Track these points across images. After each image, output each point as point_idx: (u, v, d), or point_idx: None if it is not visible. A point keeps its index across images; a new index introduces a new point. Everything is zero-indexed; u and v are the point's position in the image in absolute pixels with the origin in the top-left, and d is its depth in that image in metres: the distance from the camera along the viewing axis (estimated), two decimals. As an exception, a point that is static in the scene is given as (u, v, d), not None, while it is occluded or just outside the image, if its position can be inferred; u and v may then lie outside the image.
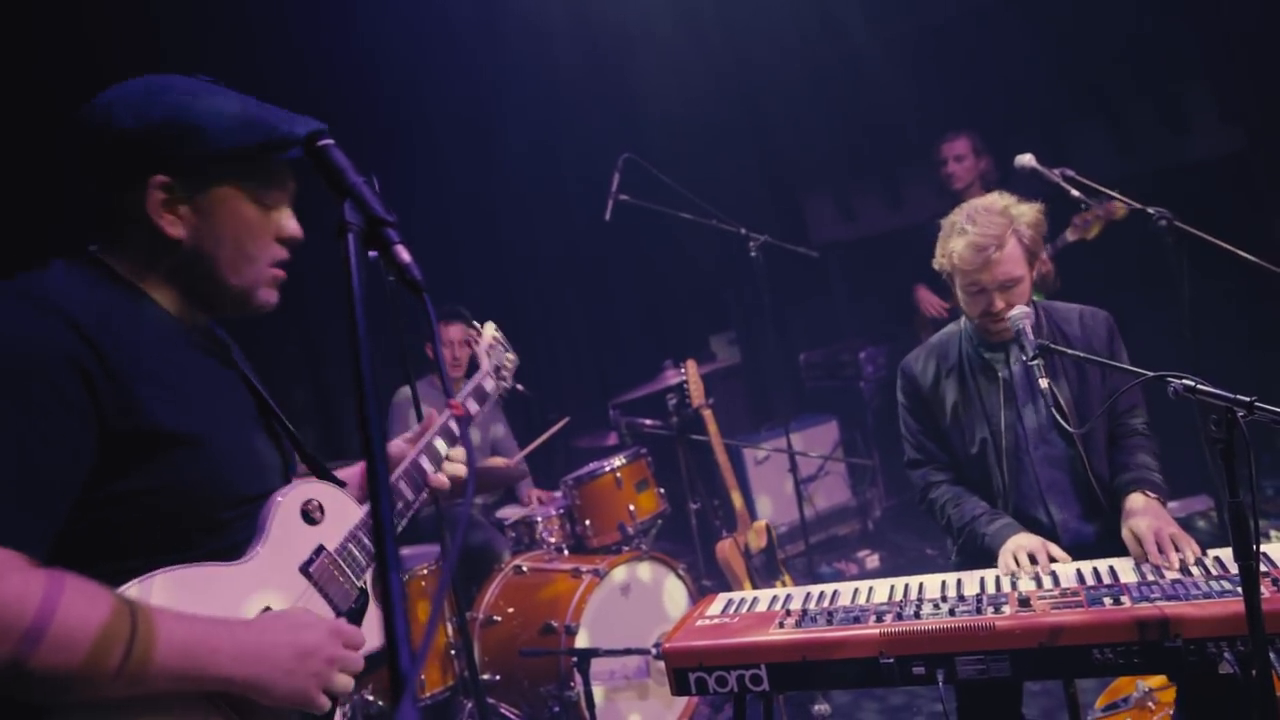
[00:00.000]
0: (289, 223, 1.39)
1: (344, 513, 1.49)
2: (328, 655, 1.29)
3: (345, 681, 1.32)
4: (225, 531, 1.31)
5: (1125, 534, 2.12)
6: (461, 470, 1.67)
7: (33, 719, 1.10)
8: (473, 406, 1.91)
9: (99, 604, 1.11)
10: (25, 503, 1.11)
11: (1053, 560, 2.14)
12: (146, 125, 1.26)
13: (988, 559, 2.27)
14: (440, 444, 1.70)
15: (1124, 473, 2.30)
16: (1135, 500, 2.19)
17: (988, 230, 2.26)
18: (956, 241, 2.30)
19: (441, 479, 1.67)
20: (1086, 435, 2.31)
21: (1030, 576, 2.07)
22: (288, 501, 1.40)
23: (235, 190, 1.32)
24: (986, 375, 2.41)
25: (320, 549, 1.43)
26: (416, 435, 1.72)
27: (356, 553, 1.47)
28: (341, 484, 1.54)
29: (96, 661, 1.08)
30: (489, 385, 1.96)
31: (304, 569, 1.40)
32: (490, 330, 2.11)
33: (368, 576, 1.50)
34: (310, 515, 1.43)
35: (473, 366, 2.04)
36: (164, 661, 1.14)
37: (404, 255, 0.94)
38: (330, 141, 1.01)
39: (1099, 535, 2.34)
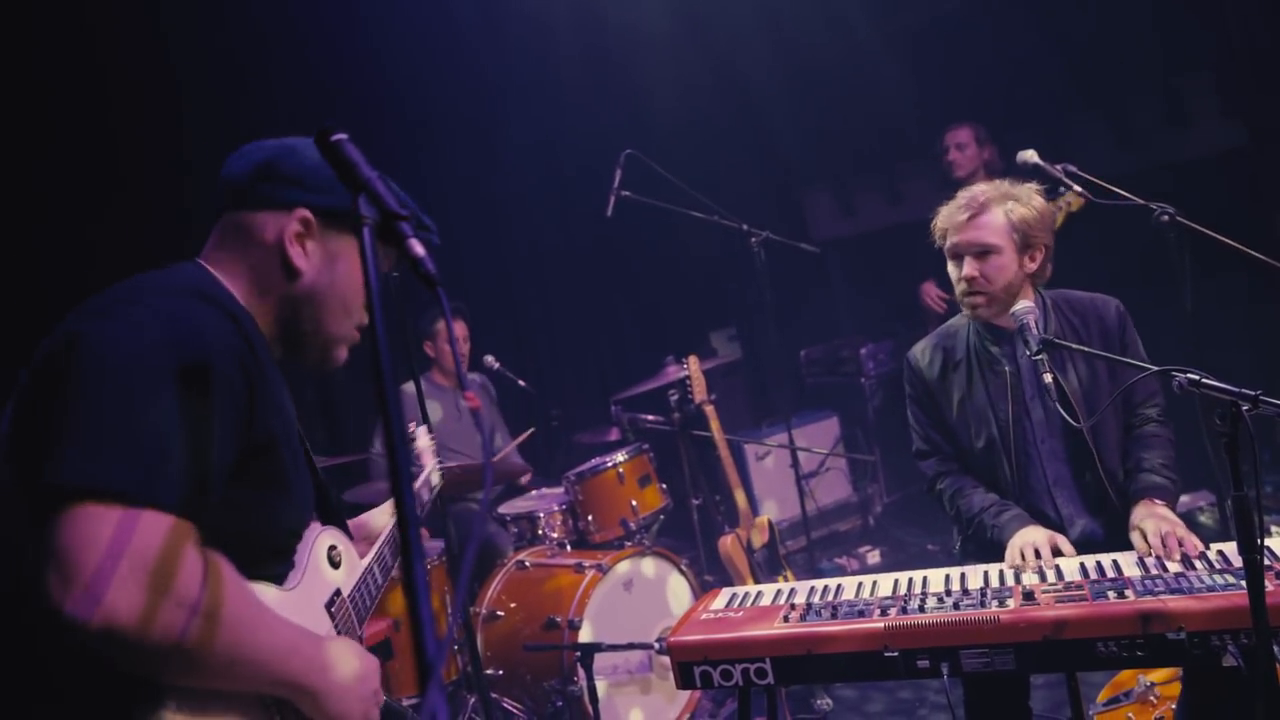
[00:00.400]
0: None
1: (353, 561, 1.58)
2: (375, 687, 1.39)
3: (376, 716, 1.40)
4: (280, 560, 1.38)
5: (1132, 532, 2.13)
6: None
7: (123, 707, 1.13)
8: (425, 495, 2.01)
9: (248, 597, 1.19)
10: (203, 479, 1.16)
11: (1059, 554, 2.14)
12: (308, 169, 1.36)
13: (995, 550, 2.28)
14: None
15: (1135, 473, 2.28)
16: (1143, 505, 2.19)
17: (974, 195, 2.32)
18: (946, 206, 2.37)
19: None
20: (1097, 429, 2.30)
21: (1034, 571, 2.08)
22: (320, 543, 1.47)
23: (357, 247, 1.39)
24: (993, 368, 2.40)
25: (338, 592, 1.50)
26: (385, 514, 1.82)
27: (361, 603, 1.57)
28: (350, 534, 1.61)
29: (235, 651, 1.14)
30: (435, 479, 2.08)
31: (327, 607, 1.47)
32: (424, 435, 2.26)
33: (361, 629, 1.57)
34: (333, 559, 1.50)
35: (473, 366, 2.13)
36: (268, 654, 1.21)
37: (418, 249, 0.95)
38: (344, 136, 1.02)
39: (1107, 530, 2.34)
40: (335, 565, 1.50)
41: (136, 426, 1.10)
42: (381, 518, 1.78)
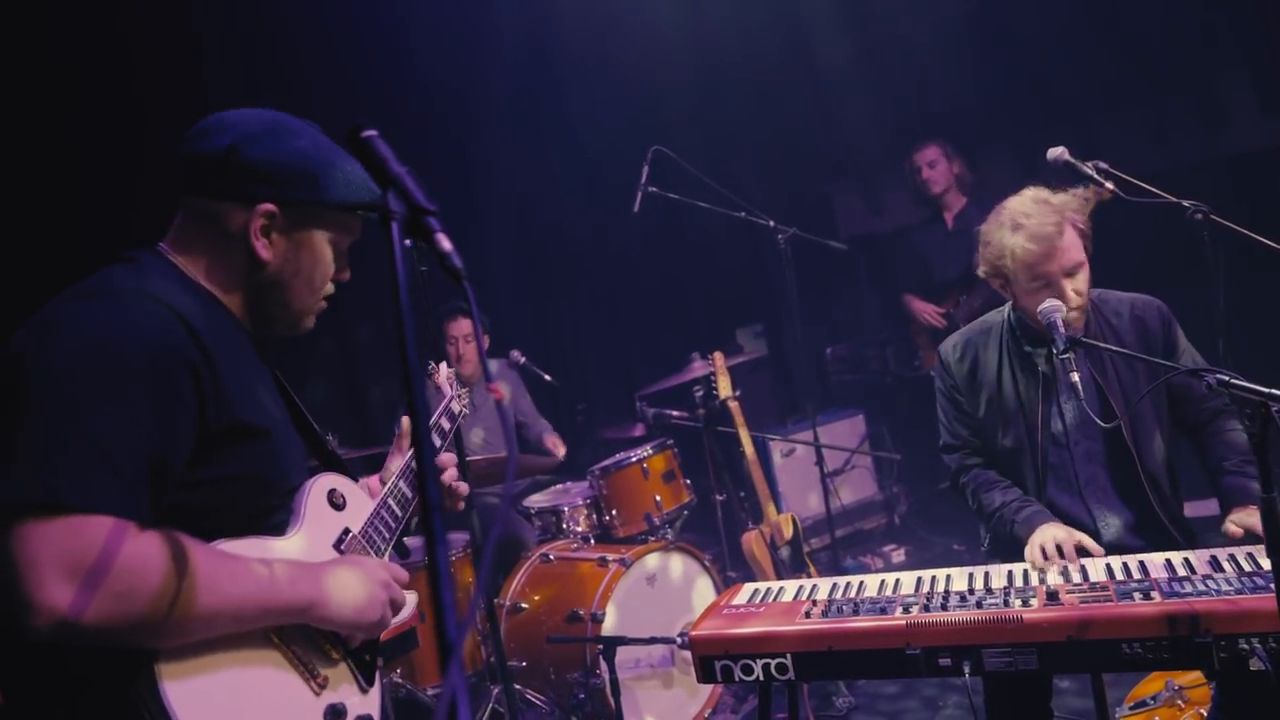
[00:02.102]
0: (345, 270, 1.56)
1: (361, 501, 1.63)
2: (382, 579, 1.48)
3: (391, 616, 1.50)
4: (276, 515, 1.45)
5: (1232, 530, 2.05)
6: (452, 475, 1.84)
7: (137, 664, 1.22)
8: (445, 424, 2.03)
9: (200, 557, 1.25)
10: (138, 480, 1.23)
11: (1083, 553, 2.11)
12: (274, 162, 1.40)
13: (1018, 548, 2.26)
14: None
15: (1222, 475, 2.19)
16: (1243, 516, 2.08)
17: (1045, 220, 2.23)
18: (1013, 238, 2.24)
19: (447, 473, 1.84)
20: (1138, 431, 2.26)
21: (1058, 571, 2.06)
22: (316, 489, 1.53)
23: (322, 234, 1.48)
24: (1026, 369, 2.38)
25: (347, 530, 1.56)
26: (396, 455, 1.85)
27: (376, 537, 1.62)
28: (354, 477, 1.67)
29: (198, 611, 1.22)
30: (455, 406, 2.10)
31: (335, 546, 1.53)
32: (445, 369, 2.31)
33: (385, 556, 1.64)
34: (335, 502, 1.56)
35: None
36: (254, 600, 1.29)
37: (445, 243, 0.96)
38: (374, 132, 1.03)
39: (1143, 533, 2.30)
40: (339, 507, 1.56)
41: (75, 437, 1.18)
42: (398, 459, 1.82)
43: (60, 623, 1.13)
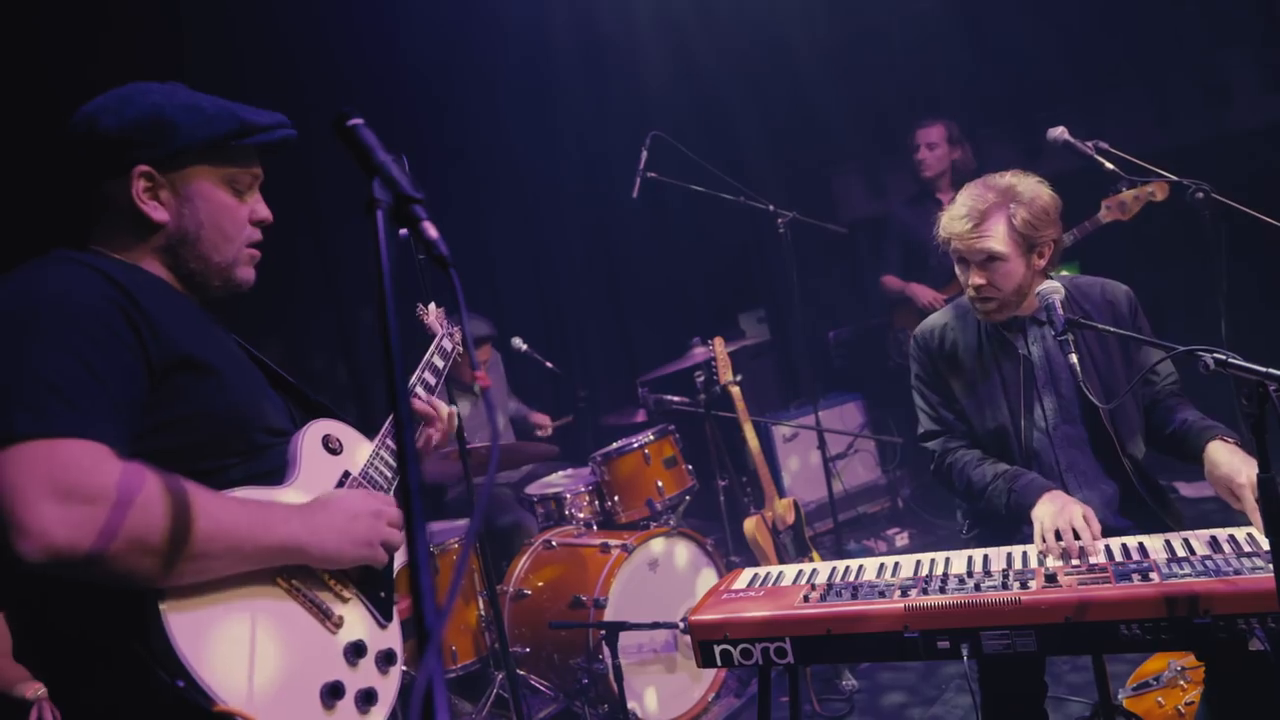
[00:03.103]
0: (260, 207, 1.54)
1: (358, 445, 1.65)
2: (374, 510, 1.48)
3: (397, 536, 1.51)
4: (263, 456, 1.45)
5: (1220, 487, 2.01)
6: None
7: (142, 603, 1.23)
8: (439, 361, 2.03)
9: (184, 489, 1.26)
10: (104, 409, 1.24)
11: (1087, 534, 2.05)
12: (126, 123, 1.40)
13: (1007, 523, 2.24)
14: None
15: (1190, 425, 2.16)
16: (1218, 448, 2.04)
17: (973, 203, 2.24)
18: (949, 210, 2.30)
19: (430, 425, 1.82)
20: (1117, 413, 2.25)
21: (1061, 556, 2.02)
22: (310, 435, 1.55)
23: (209, 178, 1.47)
24: (1005, 352, 2.36)
25: (347, 474, 1.58)
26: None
27: (376, 476, 1.62)
28: (348, 422, 1.67)
29: (186, 540, 1.23)
30: (448, 344, 2.09)
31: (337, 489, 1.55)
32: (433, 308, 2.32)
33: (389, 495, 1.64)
34: (331, 447, 1.57)
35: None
36: (245, 533, 1.30)
37: (431, 231, 0.96)
38: (359, 121, 1.03)
39: (1125, 515, 2.31)
40: (336, 451, 1.57)
41: (19, 379, 1.20)
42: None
43: (54, 546, 1.13)
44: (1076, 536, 2.01)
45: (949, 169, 4.61)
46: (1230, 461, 2.00)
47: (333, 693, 1.38)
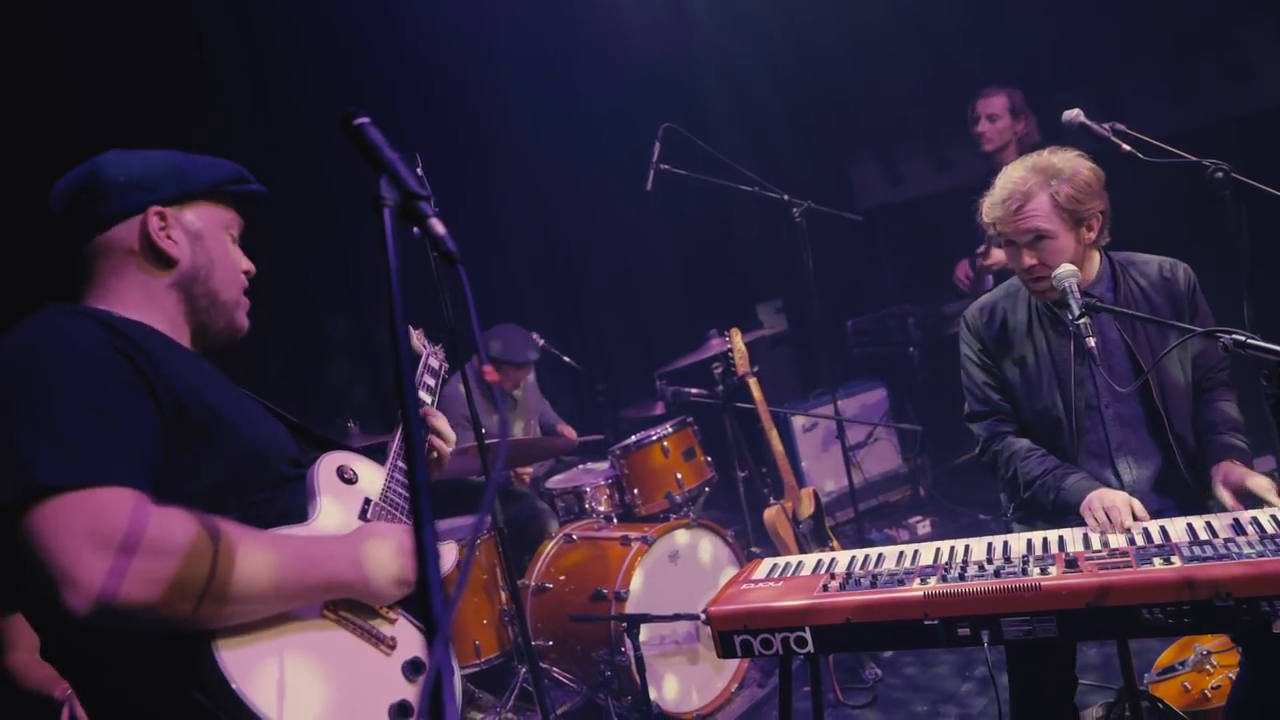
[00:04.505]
0: (245, 260, 1.59)
1: (372, 471, 1.66)
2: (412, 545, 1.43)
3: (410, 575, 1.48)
4: (286, 493, 1.46)
5: (1222, 495, 2.08)
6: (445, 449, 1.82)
7: (195, 646, 1.23)
8: (430, 380, 2.05)
9: (229, 529, 1.26)
10: (125, 453, 1.24)
11: (1136, 519, 2.07)
12: (134, 170, 1.46)
13: (1053, 516, 2.24)
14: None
15: (1211, 432, 2.24)
16: (1224, 468, 2.12)
17: (1013, 185, 2.24)
18: (990, 194, 2.31)
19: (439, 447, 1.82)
20: (1167, 393, 2.25)
21: (1124, 535, 2.01)
22: (324, 468, 1.56)
23: (213, 221, 1.52)
24: (1057, 329, 2.35)
25: (368, 500, 1.59)
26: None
27: (396, 498, 1.64)
28: (354, 450, 1.68)
29: (240, 580, 1.23)
30: (434, 362, 2.11)
31: (362, 518, 1.56)
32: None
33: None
34: (346, 477, 1.58)
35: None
36: (290, 573, 1.30)
37: (439, 228, 0.97)
38: (365, 119, 1.04)
39: (1170, 495, 2.29)
40: (352, 481, 1.58)
41: (37, 431, 1.20)
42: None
43: (100, 598, 1.12)
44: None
45: (1013, 142, 4.20)
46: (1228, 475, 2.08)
47: (401, 712, 1.39)
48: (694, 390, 4.20)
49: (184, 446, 1.33)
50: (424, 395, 1.97)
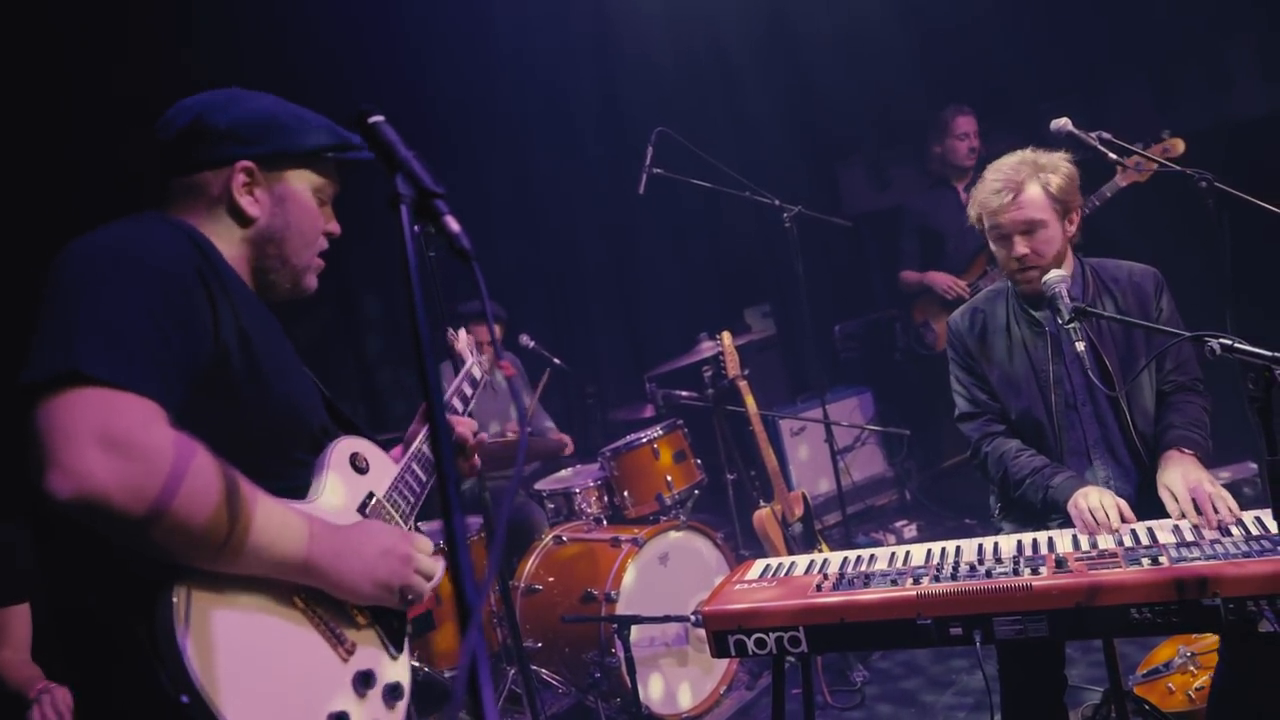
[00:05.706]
0: (333, 221, 1.58)
1: (385, 466, 1.63)
2: (403, 554, 1.45)
3: (421, 583, 1.48)
4: (295, 471, 1.45)
5: (1160, 490, 2.13)
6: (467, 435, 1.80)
7: (158, 583, 1.21)
8: (467, 389, 2.03)
9: (227, 472, 1.24)
10: (165, 370, 1.24)
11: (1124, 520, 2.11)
12: (235, 120, 1.45)
13: (1040, 516, 2.29)
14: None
15: (1166, 431, 2.31)
16: (1169, 457, 2.21)
17: (1006, 176, 2.34)
18: (981, 188, 2.39)
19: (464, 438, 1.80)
20: (1130, 394, 2.33)
21: (1113, 537, 2.05)
22: (339, 450, 1.53)
23: (302, 183, 1.51)
24: (1034, 331, 2.43)
25: (371, 494, 1.56)
26: (419, 423, 1.83)
27: (400, 501, 1.61)
28: (375, 441, 1.66)
29: (220, 522, 1.20)
30: (476, 372, 2.10)
31: (360, 510, 1.53)
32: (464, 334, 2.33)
33: (409, 525, 1.62)
34: (358, 465, 1.55)
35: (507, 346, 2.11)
36: (277, 537, 1.28)
37: (453, 225, 0.98)
38: (380, 118, 1.05)
39: (1139, 494, 2.34)
40: (362, 471, 1.56)
41: (91, 323, 1.20)
42: (423, 425, 1.80)
43: (87, 488, 1.11)
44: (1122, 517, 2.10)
45: (975, 164, 4.58)
46: (1171, 465, 2.15)
47: None
48: (684, 393, 4.22)
49: (225, 388, 1.33)
50: (457, 403, 1.95)
